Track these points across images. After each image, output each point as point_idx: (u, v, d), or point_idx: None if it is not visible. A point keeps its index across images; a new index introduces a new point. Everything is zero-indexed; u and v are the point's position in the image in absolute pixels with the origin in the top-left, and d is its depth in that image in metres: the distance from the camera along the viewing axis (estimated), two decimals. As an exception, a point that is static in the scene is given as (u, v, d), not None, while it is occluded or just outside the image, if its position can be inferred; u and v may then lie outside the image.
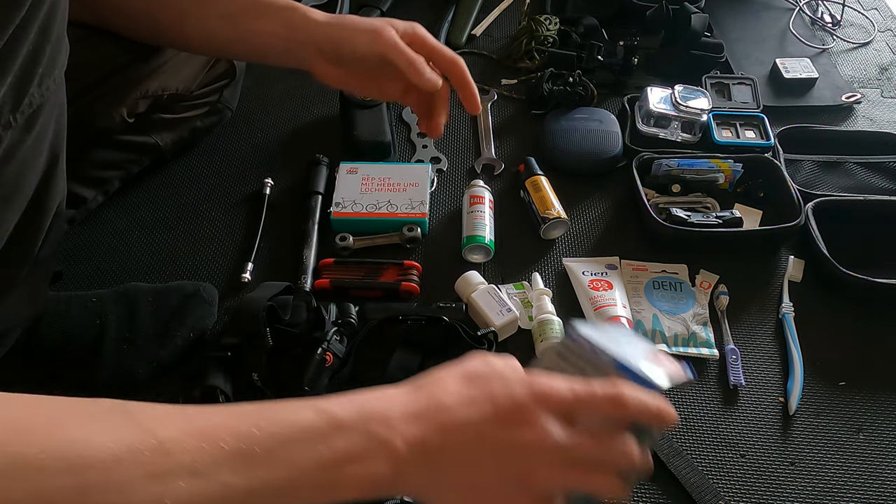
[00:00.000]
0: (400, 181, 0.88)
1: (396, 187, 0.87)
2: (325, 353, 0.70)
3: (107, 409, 0.39)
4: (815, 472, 0.70)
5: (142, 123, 0.86)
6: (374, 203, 0.85)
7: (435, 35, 1.18)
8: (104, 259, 0.87)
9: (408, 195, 0.86)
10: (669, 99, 1.00)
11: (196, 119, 0.93)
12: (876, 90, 1.14)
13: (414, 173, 0.89)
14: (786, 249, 0.89)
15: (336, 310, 0.77)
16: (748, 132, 1.00)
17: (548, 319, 0.78)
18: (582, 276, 0.84)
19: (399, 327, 0.76)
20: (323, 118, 1.06)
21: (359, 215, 0.85)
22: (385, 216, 0.85)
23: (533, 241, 0.90)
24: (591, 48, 1.07)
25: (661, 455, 0.69)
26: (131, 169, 0.90)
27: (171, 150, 0.93)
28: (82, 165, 0.84)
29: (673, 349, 0.78)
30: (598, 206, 0.95)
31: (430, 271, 0.84)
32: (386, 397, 0.45)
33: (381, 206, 0.85)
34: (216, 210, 0.93)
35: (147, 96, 0.83)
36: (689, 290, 0.84)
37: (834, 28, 1.25)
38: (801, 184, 0.93)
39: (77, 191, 0.85)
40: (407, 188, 0.87)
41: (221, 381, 0.69)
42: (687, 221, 0.86)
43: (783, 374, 0.77)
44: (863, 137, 1.01)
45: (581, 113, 1.02)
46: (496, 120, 1.07)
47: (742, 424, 0.73)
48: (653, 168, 0.93)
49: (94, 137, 0.83)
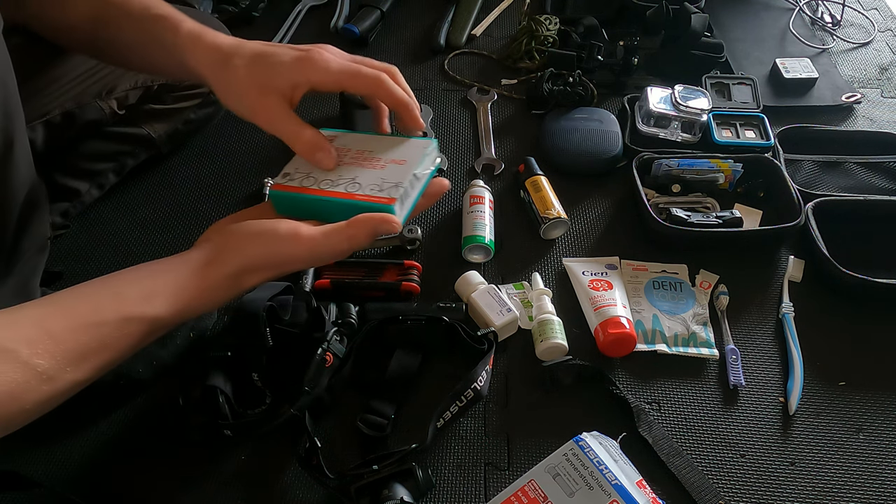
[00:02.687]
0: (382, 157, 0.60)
1: (374, 163, 0.59)
2: (325, 353, 0.70)
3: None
4: (815, 472, 0.70)
5: (133, 115, 0.87)
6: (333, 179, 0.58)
7: (435, 35, 1.19)
8: (104, 259, 0.87)
9: (382, 174, 0.58)
10: (669, 99, 1.00)
11: (189, 110, 0.93)
12: (876, 90, 1.14)
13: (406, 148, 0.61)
14: (786, 249, 0.89)
15: (336, 310, 0.77)
16: (748, 132, 1.00)
17: (548, 319, 0.78)
18: (582, 276, 0.84)
19: (399, 327, 0.76)
20: (323, 118, 1.06)
21: (303, 191, 0.58)
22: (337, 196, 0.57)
23: (533, 241, 0.90)
24: (591, 48, 1.07)
25: (661, 455, 0.69)
26: (125, 161, 0.90)
27: (166, 143, 0.93)
28: (74, 157, 0.84)
29: (673, 349, 0.78)
30: (598, 206, 0.95)
31: (430, 271, 0.84)
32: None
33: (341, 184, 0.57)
34: (216, 210, 0.93)
35: (137, 87, 0.84)
36: (689, 290, 0.84)
37: (834, 28, 1.25)
38: (801, 184, 0.93)
39: (70, 183, 0.85)
40: (388, 165, 0.59)
41: (221, 381, 0.69)
42: (687, 221, 0.86)
43: (783, 374, 0.77)
44: (863, 137, 1.01)
45: (581, 113, 1.02)
46: (496, 120, 1.07)
47: (742, 424, 0.73)
48: (653, 168, 0.93)
49: (85, 129, 0.83)
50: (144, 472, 0.69)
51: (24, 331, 0.44)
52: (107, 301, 0.49)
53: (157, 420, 0.72)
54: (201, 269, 0.51)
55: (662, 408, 0.74)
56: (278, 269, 0.53)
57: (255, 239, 0.52)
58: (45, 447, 0.70)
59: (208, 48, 0.57)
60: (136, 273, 0.51)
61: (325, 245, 0.52)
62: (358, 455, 0.68)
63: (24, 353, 0.43)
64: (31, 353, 0.44)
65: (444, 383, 0.73)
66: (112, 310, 0.48)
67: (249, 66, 0.55)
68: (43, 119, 0.77)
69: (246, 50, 0.56)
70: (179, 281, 0.51)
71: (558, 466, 0.60)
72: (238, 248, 0.52)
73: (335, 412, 0.72)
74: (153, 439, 0.71)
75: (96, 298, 0.49)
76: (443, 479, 0.68)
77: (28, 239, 0.63)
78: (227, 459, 0.69)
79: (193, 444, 0.69)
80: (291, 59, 0.55)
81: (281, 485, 0.68)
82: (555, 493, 0.58)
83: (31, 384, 0.43)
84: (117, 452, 0.70)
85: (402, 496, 0.62)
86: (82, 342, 0.46)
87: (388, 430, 0.70)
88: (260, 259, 0.52)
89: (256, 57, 0.56)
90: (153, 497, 0.67)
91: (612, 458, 0.61)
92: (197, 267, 0.51)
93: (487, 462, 0.70)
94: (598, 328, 0.77)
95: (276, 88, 0.55)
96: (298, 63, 0.55)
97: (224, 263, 0.52)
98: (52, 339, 0.45)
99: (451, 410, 0.70)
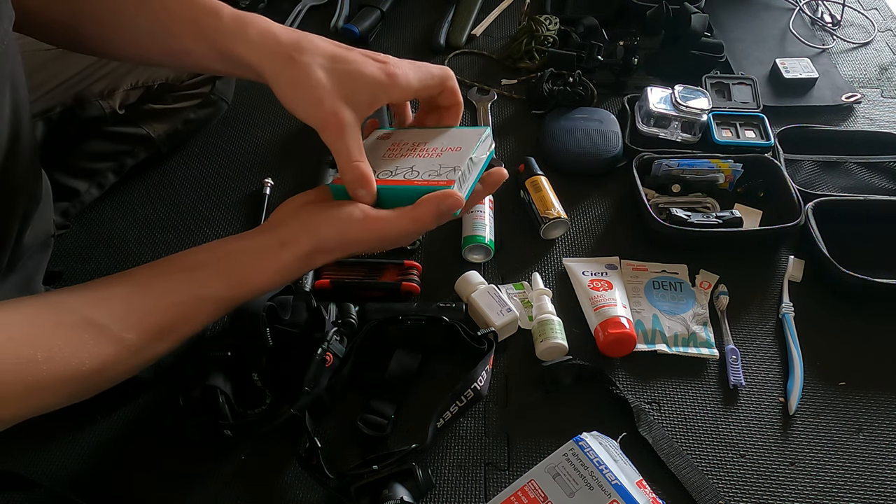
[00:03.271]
0: (437, 146, 0.61)
1: (430, 152, 0.61)
2: (325, 353, 0.70)
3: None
4: (815, 472, 0.70)
5: (133, 114, 0.87)
6: (392, 170, 0.59)
7: (435, 35, 1.19)
8: (104, 259, 0.87)
9: (439, 161, 0.59)
10: (669, 99, 1.00)
11: (189, 110, 0.93)
12: (876, 90, 1.14)
13: (460, 137, 0.63)
14: (786, 249, 0.89)
15: (336, 310, 0.77)
16: (748, 132, 1.00)
17: (548, 319, 0.78)
18: (582, 276, 0.84)
19: (399, 327, 0.76)
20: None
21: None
22: (398, 184, 0.57)
23: (533, 241, 0.90)
24: (591, 48, 1.07)
25: (662, 455, 0.69)
26: (124, 161, 0.90)
27: (165, 143, 0.93)
28: (73, 157, 0.85)
29: (673, 349, 0.78)
30: (598, 206, 0.95)
31: (430, 271, 0.84)
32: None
33: (400, 172, 0.58)
34: (216, 210, 0.93)
35: (137, 87, 0.84)
36: (689, 290, 0.84)
37: (834, 28, 1.25)
38: (801, 184, 0.93)
39: (69, 183, 0.85)
40: (444, 153, 0.60)
41: (221, 381, 0.68)
42: (687, 221, 0.86)
43: (783, 374, 0.77)
44: (863, 137, 1.01)
45: (581, 113, 1.02)
46: (496, 120, 1.07)
47: (742, 424, 0.73)
48: (653, 168, 0.93)
49: (85, 127, 0.83)
50: (144, 472, 0.69)
51: (115, 307, 0.48)
52: (183, 282, 0.51)
53: (157, 420, 0.72)
54: (276, 250, 0.52)
55: (662, 408, 0.74)
56: (347, 251, 0.54)
57: (330, 221, 0.53)
58: (45, 447, 0.70)
59: (263, 36, 0.52)
60: (213, 253, 0.53)
61: (394, 227, 0.52)
62: (358, 455, 0.68)
63: (115, 328, 0.47)
64: (123, 328, 0.47)
65: (444, 383, 0.73)
66: (187, 292, 0.51)
67: (329, 72, 0.51)
68: (43, 116, 0.77)
69: (316, 47, 0.52)
70: (254, 262, 0.52)
71: (558, 466, 0.60)
72: (313, 230, 0.52)
73: (335, 412, 0.72)
74: (153, 439, 0.70)
75: (174, 279, 0.51)
76: (443, 479, 0.68)
77: (31, 234, 0.63)
78: (227, 459, 0.69)
79: (193, 444, 0.69)
80: (377, 74, 0.52)
81: (281, 485, 0.68)
82: (555, 493, 0.58)
83: (121, 356, 0.48)
84: (117, 452, 0.70)
85: (402, 496, 0.62)
86: (165, 318, 0.50)
87: (388, 430, 0.70)
88: (332, 241, 0.53)
89: (335, 61, 0.51)
90: (153, 497, 0.67)
91: (612, 458, 0.61)
92: (271, 248, 0.52)
93: (487, 462, 0.70)
94: (598, 328, 0.77)
95: (356, 103, 0.52)
96: (385, 80, 0.52)
97: (298, 245, 0.52)
98: (138, 316, 0.49)
99: (451, 410, 0.70)
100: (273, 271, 0.52)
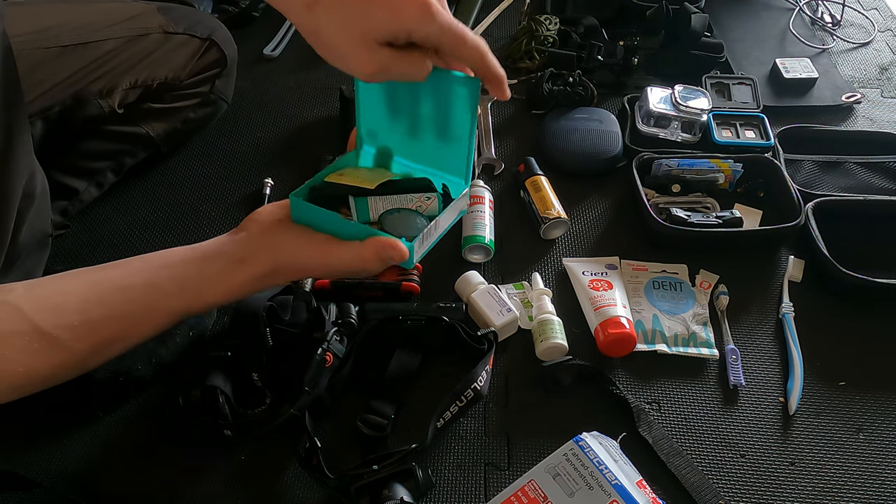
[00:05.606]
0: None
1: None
2: (325, 353, 0.70)
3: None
4: (815, 472, 0.70)
5: (132, 114, 0.87)
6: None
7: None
8: (104, 258, 0.86)
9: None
10: (669, 99, 1.00)
11: (188, 110, 0.93)
12: (876, 90, 1.14)
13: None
14: (786, 249, 0.89)
15: (336, 310, 0.77)
16: (748, 132, 1.00)
17: (548, 319, 0.78)
18: (582, 276, 0.84)
19: (399, 327, 0.76)
20: (323, 118, 1.06)
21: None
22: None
23: (533, 241, 0.90)
24: (591, 48, 1.07)
25: (662, 455, 0.69)
26: (124, 160, 0.90)
27: (165, 143, 0.93)
28: (72, 156, 0.85)
29: (673, 349, 0.78)
30: (598, 206, 0.95)
31: (430, 271, 0.84)
32: None
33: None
34: (216, 210, 0.93)
35: (136, 86, 0.84)
36: (689, 290, 0.84)
37: (834, 28, 1.25)
38: (801, 184, 0.93)
39: (68, 182, 0.85)
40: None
41: (221, 381, 0.68)
42: (687, 221, 0.86)
43: (783, 374, 0.77)
44: (863, 137, 1.01)
45: (581, 113, 1.02)
46: (496, 120, 1.07)
47: (742, 424, 0.73)
48: (653, 168, 0.93)
49: (84, 126, 0.83)
50: (144, 471, 0.68)
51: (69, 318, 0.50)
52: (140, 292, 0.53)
53: (157, 420, 0.72)
54: (234, 265, 0.54)
55: (662, 408, 0.74)
56: (301, 275, 0.57)
57: (291, 246, 0.55)
58: (44, 447, 0.70)
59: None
60: (171, 258, 0.55)
61: (343, 261, 0.54)
62: (358, 455, 0.68)
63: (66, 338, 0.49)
64: (73, 338, 0.50)
65: (444, 383, 0.73)
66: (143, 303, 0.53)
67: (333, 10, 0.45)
68: (42, 114, 0.77)
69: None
70: (211, 275, 0.54)
71: (558, 466, 0.60)
72: (272, 251, 0.55)
73: (335, 412, 0.72)
74: (153, 439, 0.70)
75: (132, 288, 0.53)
76: (443, 479, 0.68)
77: (28, 232, 0.63)
78: (227, 459, 0.69)
79: (193, 444, 0.69)
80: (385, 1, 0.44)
81: (281, 485, 0.67)
82: (555, 493, 0.58)
83: (69, 364, 0.50)
84: (117, 452, 0.70)
85: (402, 496, 0.62)
86: (117, 329, 0.52)
87: (388, 430, 0.70)
88: (289, 265, 0.55)
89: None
90: (153, 497, 0.67)
91: (612, 458, 0.61)
92: (231, 262, 0.54)
93: (487, 462, 0.70)
94: (598, 328, 0.77)
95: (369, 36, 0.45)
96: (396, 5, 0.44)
97: (256, 264, 0.54)
98: (90, 327, 0.50)
99: (451, 410, 0.70)
100: (229, 289, 0.54)
